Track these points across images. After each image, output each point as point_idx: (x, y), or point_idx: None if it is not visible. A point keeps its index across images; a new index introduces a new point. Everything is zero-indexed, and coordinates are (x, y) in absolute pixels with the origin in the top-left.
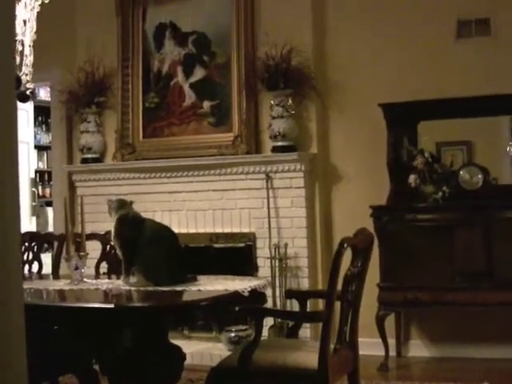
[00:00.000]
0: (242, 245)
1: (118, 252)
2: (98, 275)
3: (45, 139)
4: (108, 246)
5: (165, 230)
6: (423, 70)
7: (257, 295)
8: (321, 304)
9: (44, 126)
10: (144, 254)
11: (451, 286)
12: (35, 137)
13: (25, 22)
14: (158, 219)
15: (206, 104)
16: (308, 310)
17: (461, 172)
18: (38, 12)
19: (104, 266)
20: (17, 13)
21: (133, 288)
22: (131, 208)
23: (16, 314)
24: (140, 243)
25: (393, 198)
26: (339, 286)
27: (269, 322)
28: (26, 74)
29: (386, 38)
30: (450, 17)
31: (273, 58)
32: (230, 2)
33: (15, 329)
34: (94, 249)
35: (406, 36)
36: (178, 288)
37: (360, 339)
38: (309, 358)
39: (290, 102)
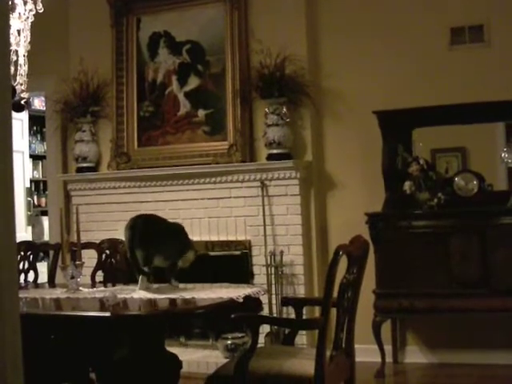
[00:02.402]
0: (237, 252)
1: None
2: (94, 284)
3: (40, 149)
4: (104, 255)
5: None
6: (417, 77)
7: (253, 303)
8: (317, 311)
9: (39, 136)
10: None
11: (447, 293)
12: (30, 146)
13: (19, 32)
14: None
15: (201, 113)
16: (304, 317)
17: (456, 179)
18: (31, 22)
19: (100, 275)
20: (11, 23)
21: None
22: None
23: (12, 323)
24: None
25: (388, 205)
26: (335, 293)
27: (265, 329)
28: (21, 84)
29: (379, 46)
30: (444, 24)
31: (267, 67)
32: (224, 11)
33: (11, 338)
34: (89, 257)
35: (400, 43)
36: (176, 296)
37: (356, 346)
38: (305, 365)
39: (285, 110)
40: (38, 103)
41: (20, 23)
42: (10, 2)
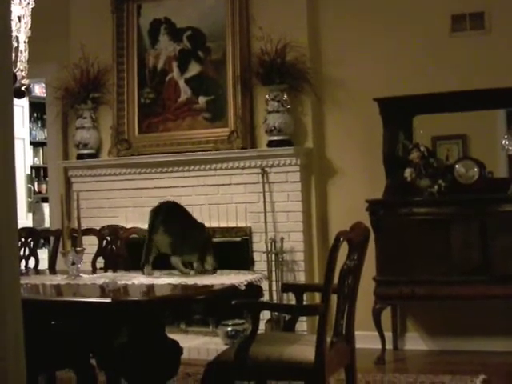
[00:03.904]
0: (238, 239)
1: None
2: (94, 270)
3: (40, 135)
4: (104, 241)
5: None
6: (418, 64)
7: (253, 289)
8: (317, 297)
9: (39, 122)
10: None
11: (447, 280)
12: (31, 133)
13: (19, 18)
14: None
15: (202, 99)
16: (304, 303)
17: (456, 166)
18: (32, 8)
19: (100, 261)
20: (12, 9)
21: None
22: None
23: (13, 308)
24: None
25: (389, 191)
26: (335, 280)
27: (265, 315)
28: (22, 70)
29: (380, 33)
30: (444, 11)
31: (268, 54)
32: None
33: (12, 323)
34: (90, 244)
35: (401, 30)
36: (178, 281)
37: (356, 332)
38: (305, 351)
39: (286, 96)
40: (39, 90)
41: (21, 9)
42: None
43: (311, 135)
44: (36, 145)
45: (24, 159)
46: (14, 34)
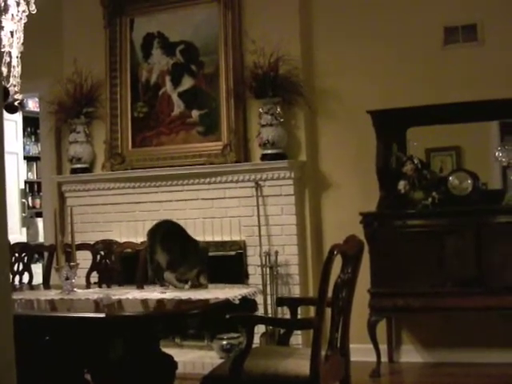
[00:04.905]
0: (232, 253)
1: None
2: (88, 285)
3: (34, 150)
4: (98, 256)
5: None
6: (411, 76)
7: (248, 303)
8: (312, 311)
9: (33, 137)
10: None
11: (442, 292)
12: (24, 148)
13: (12, 33)
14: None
15: (195, 113)
16: (299, 317)
17: (450, 178)
18: (25, 23)
19: (95, 276)
20: (4, 24)
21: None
22: None
23: (5, 324)
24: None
25: (382, 204)
26: (330, 293)
27: (260, 329)
28: (14, 85)
29: (373, 45)
30: (437, 23)
31: (261, 67)
32: (218, 11)
33: (4, 339)
34: (84, 259)
35: (394, 43)
36: (172, 296)
37: (351, 345)
38: (300, 365)
39: (279, 109)
40: (32, 104)
41: (13, 24)
42: (3, 3)
43: (305, 148)
44: (30, 159)
45: (18, 174)
46: (7, 49)
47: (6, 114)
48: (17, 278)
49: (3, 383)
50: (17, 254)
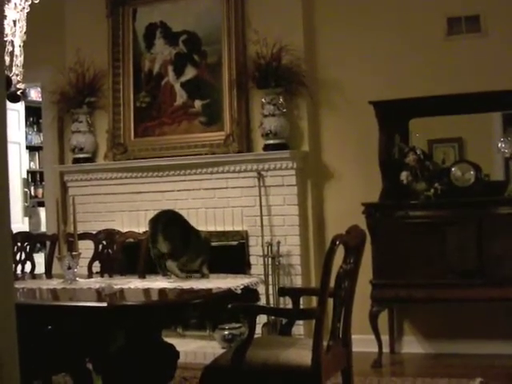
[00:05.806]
0: (234, 243)
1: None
2: (90, 274)
3: (36, 140)
4: (100, 246)
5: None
6: (414, 67)
7: (250, 293)
8: (314, 301)
9: (35, 127)
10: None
11: (444, 283)
12: (27, 137)
13: (15, 22)
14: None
15: (198, 103)
16: (301, 307)
17: (452, 169)
18: (27, 12)
19: (97, 266)
20: (7, 13)
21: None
22: None
23: (7, 313)
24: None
25: (385, 195)
26: (332, 283)
27: (262, 319)
28: (17, 75)
29: (376, 36)
30: (440, 14)
31: (263, 57)
32: (221, 1)
33: (7, 328)
34: (86, 248)
35: (397, 33)
36: (174, 286)
37: (353, 336)
38: (302, 355)
39: (281, 100)
40: (35, 94)
41: (16, 13)
42: None
43: (307, 138)
44: (32, 149)
45: (20, 163)
46: (10, 38)
47: (8, 104)
48: (19, 267)
49: (6, 371)
50: (19, 244)
